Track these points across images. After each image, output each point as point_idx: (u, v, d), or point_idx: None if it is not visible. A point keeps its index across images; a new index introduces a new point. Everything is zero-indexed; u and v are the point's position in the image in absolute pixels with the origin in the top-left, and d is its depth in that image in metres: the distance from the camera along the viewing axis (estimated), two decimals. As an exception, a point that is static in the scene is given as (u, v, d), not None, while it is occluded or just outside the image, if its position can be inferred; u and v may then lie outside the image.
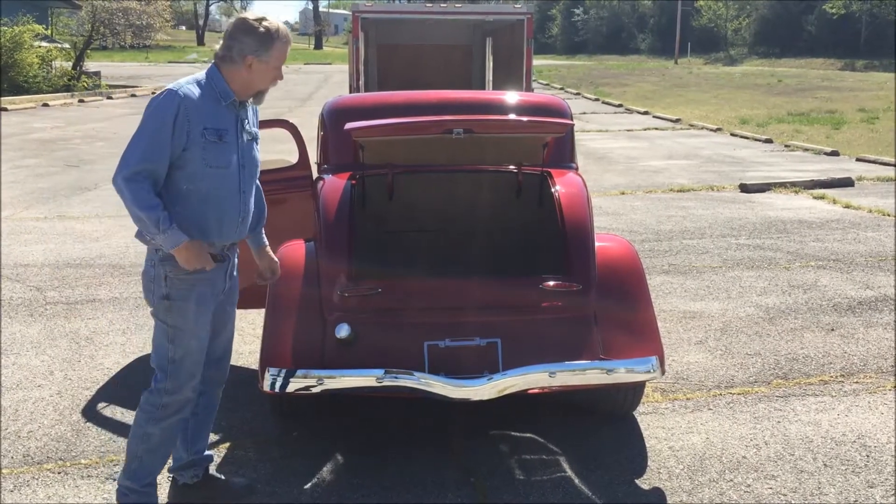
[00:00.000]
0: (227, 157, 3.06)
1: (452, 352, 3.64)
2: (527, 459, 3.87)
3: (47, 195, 10.56)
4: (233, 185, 3.11)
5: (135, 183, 2.92)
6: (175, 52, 64.58)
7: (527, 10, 12.22)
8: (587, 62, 54.57)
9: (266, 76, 3.10)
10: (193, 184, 3.02)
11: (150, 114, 2.99)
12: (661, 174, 12.62)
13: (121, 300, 6.24)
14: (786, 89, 29.18)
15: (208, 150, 3.01)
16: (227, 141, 3.06)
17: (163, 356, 3.15)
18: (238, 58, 3.04)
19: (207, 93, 3.04)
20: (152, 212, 2.91)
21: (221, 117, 3.06)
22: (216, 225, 3.10)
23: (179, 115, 2.95)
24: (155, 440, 3.20)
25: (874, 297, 6.34)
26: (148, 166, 2.94)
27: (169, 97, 2.98)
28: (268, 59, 3.05)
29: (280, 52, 3.07)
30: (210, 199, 3.06)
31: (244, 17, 3.07)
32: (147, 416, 3.18)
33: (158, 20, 34.59)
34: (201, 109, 3.00)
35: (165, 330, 3.12)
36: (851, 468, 3.77)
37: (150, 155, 2.95)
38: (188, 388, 3.19)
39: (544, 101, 5.22)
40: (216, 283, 3.18)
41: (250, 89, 3.12)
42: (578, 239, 3.87)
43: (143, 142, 2.96)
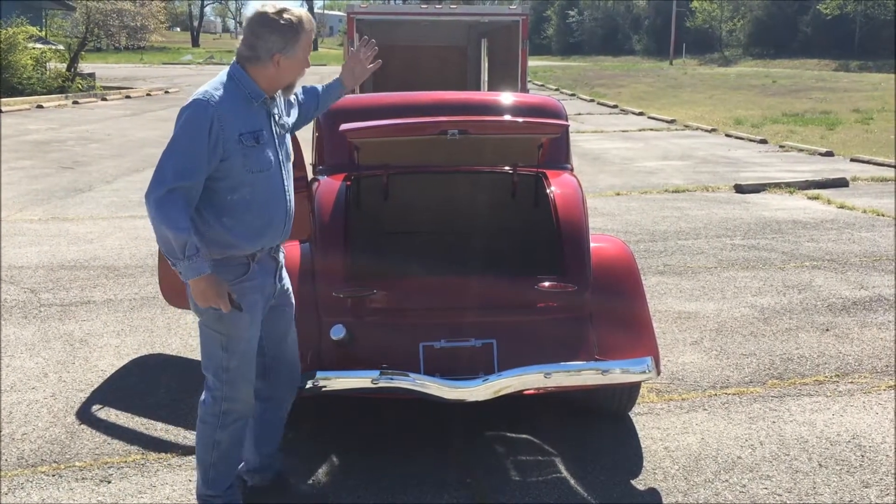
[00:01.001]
0: (268, 159, 2.96)
1: (448, 353, 3.64)
2: (523, 460, 3.87)
3: (42, 197, 10.54)
4: (277, 185, 3.01)
5: (168, 202, 2.78)
6: (170, 53, 64.53)
7: (522, 12, 12.22)
8: (582, 63, 54.63)
9: (295, 70, 2.99)
10: (238, 192, 2.91)
11: (182, 128, 2.84)
12: (656, 175, 12.64)
13: (115, 302, 6.23)
14: (780, 90, 29.23)
15: (248, 155, 2.89)
16: (264, 142, 2.95)
17: (217, 365, 3.09)
18: (265, 56, 2.91)
19: (236, 95, 2.91)
20: (181, 234, 2.77)
21: (255, 118, 2.95)
22: (265, 230, 3.01)
23: (214, 126, 2.81)
24: (224, 446, 3.18)
25: (869, 297, 6.35)
26: (183, 184, 2.79)
27: (200, 108, 2.82)
28: (295, 53, 2.93)
29: (306, 43, 2.95)
30: (256, 205, 2.95)
31: (264, 12, 2.92)
32: (211, 426, 3.15)
33: (153, 21, 34.54)
34: (234, 115, 2.87)
35: (218, 339, 3.05)
36: (846, 468, 3.78)
37: (185, 172, 2.80)
38: (246, 393, 3.15)
39: (539, 101, 5.22)
40: (266, 289, 3.12)
41: (279, 85, 3.01)
42: (574, 240, 3.88)
43: (177, 158, 2.82)
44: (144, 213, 9.34)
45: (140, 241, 8.12)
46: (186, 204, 2.82)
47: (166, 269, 4.91)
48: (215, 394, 3.12)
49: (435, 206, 4.57)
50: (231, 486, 3.26)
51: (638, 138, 17.90)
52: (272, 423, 3.40)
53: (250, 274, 3.03)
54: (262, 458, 3.41)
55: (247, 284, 3.02)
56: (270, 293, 3.15)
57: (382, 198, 4.39)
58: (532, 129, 4.17)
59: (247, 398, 3.16)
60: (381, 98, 5.57)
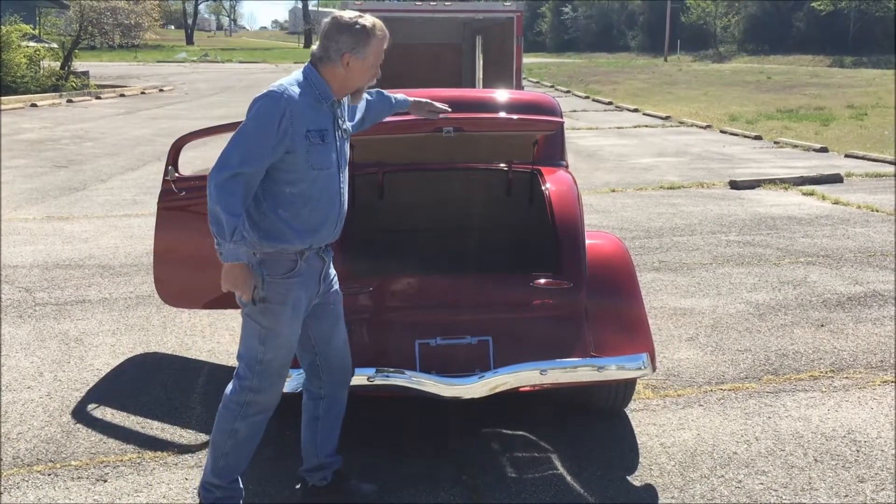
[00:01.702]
0: (329, 158, 3.03)
1: (444, 350, 3.64)
2: (518, 457, 3.87)
3: (36, 196, 10.51)
4: (334, 186, 3.08)
5: (228, 187, 2.86)
6: (164, 51, 64.42)
7: (516, 8, 12.23)
8: (577, 60, 54.66)
9: (364, 74, 3.05)
10: (296, 186, 2.99)
11: (253, 116, 2.93)
12: (651, 171, 12.65)
13: (110, 301, 6.22)
14: (775, 86, 29.28)
15: (312, 152, 2.96)
16: (328, 142, 3.02)
17: (252, 356, 3.13)
18: (336, 56, 2.99)
19: (308, 93, 2.98)
20: (234, 219, 2.84)
21: (322, 118, 3.02)
22: (318, 227, 3.07)
23: (284, 118, 2.89)
24: (241, 436, 3.19)
25: (863, 292, 6.37)
26: (246, 170, 2.88)
27: (273, 99, 2.91)
28: (364, 56, 3.00)
29: (377, 49, 3.03)
30: (313, 201, 3.03)
31: (339, 16, 3.02)
32: (233, 413, 3.17)
33: (147, 19, 34.51)
34: (304, 111, 2.95)
35: (258, 331, 3.09)
36: (842, 463, 3.79)
37: (250, 159, 2.89)
38: (274, 388, 3.18)
39: (534, 98, 5.22)
40: (310, 287, 3.14)
41: (348, 88, 3.07)
42: (569, 237, 3.88)
43: (244, 144, 2.91)
44: (139, 211, 9.35)
45: (135, 239, 8.11)
46: (245, 191, 2.91)
47: (162, 268, 4.92)
48: (244, 383, 3.15)
49: (430, 204, 4.57)
50: (236, 481, 3.27)
51: (633, 135, 17.91)
52: (331, 423, 3.42)
53: (297, 271, 3.07)
54: (321, 459, 3.43)
55: (293, 281, 3.06)
56: (314, 292, 3.18)
57: (378, 195, 4.39)
58: (526, 126, 4.18)
59: (274, 393, 3.19)
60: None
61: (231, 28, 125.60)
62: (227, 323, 5.69)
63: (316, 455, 3.43)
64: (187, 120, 20.12)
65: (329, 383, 3.37)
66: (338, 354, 3.36)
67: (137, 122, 20.28)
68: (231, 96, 28.79)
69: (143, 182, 11.56)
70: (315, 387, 3.38)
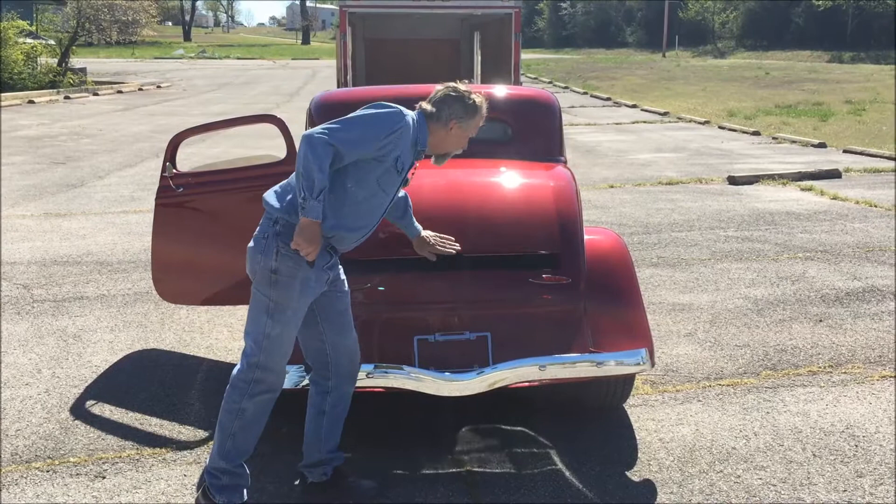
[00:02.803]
0: (393, 188, 3.29)
1: (442, 346, 3.64)
2: (517, 452, 3.87)
3: (34, 193, 10.50)
4: (380, 208, 3.30)
5: (324, 149, 3.04)
6: (161, 48, 64.35)
7: (514, 4, 12.19)
8: (575, 56, 54.63)
9: (460, 141, 3.38)
10: (357, 187, 3.19)
11: (374, 116, 3.19)
12: (649, 167, 12.65)
13: (108, 297, 6.21)
14: (773, 82, 29.27)
15: (388, 173, 3.22)
16: (401, 176, 3.29)
17: (259, 331, 3.18)
18: (445, 119, 3.30)
19: (412, 132, 3.26)
20: (323, 176, 3.03)
21: (410, 156, 3.28)
22: (349, 230, 3.23)
23: (394, 134, 3.16)
24: (248, 416, 3.23)
25: (862, 287, 6.37)
26: (342, 149, 3.08)
27: (398, 116, 3.20)
28: (467, 127, 3.35)
29: (477, 124, 3.40)
30: (357, 208, 3.21)
31: (457, 86, 3.36)
32: (240, 392, 3.21)
33: (144, 16, 34.49)
34: (406, 142, 3.22)
35: (266, 304, 3.16)
36: (840, 458, 3.79)
37: (352, 144, 3.10)
38: (280, 365, 3.24)
39: (533, 94, 5.22)
40: (320, 273, 3.22)
41: (442, 148, 3.37)
42: (568, 232, 3.87)
43: (354, 131, 3.12)
44: (137, 207, 9.31)
45: (133, 236, 8.10)
46: (332, 161, 3.08)
47: (161, 264, 4.91)
48: (251, 360, 3.19)
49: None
50: (242, 465, 3.29)
51: (631, 131, 17.91)
52: (335, 419, 3.46)
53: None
54: (323, 454, 3.45)
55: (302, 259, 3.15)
56: (322, 279, 3.25)
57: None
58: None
59: (280, 370, 3.25)
60: (373, 91, 5.54)
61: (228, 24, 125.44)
62: (226, 319, 5.69)
63: (318, 450, 3.44)
64: (185, 116, 20.09)
65: (336, 375, 3.40)
66: (348, 346, 3.41)
67: (135, 118, 20.26)
68: (228, 93, 28.77)
69: (140, 178, 11.55)
70: (323, 378, 3.41)
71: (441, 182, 4.33)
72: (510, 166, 4.52)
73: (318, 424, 3.43)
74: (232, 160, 5.52)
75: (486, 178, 4.43)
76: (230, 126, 5.18)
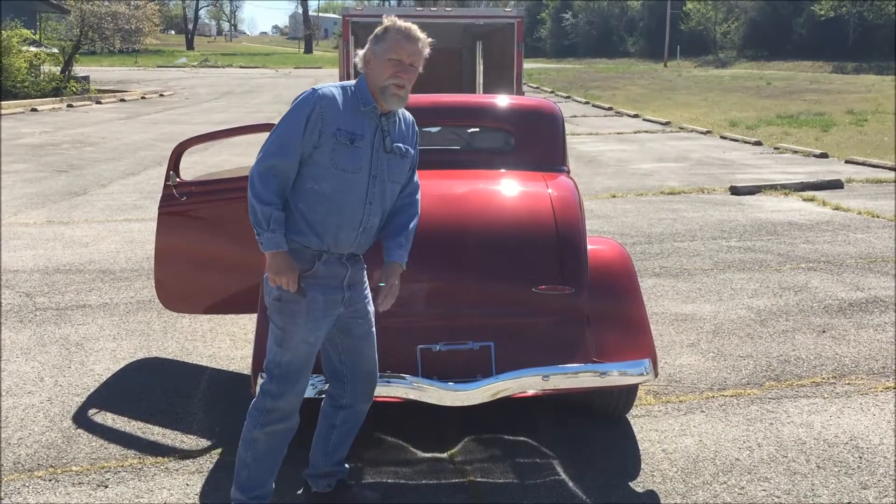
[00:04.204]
0: (357, 163, 3.04)
1: (446, 355, 3.63)
2: (521, 462, 3.86)
3: (37, 201, 10.51)
4: (359, 192, 3.07)
5: (261, 177, 2.96)
6: (164, 56, 64.49)
7: (517, 14, 12.24)
8: (577, 65, 54.70)
9: (382, 70, 3.04)
10: (319, 183, 3.03)
11: (288, 111, 3.05)
12: (651, 177, 12.65)
13: (111, 306, 6.21)
14: (775, 92, 29.30)
15: (338, 151, 3.01)
16: (359, 146, 3.04)
17: (271, 359, 3.13)
18: (364, 60, 3.10)
19: (350, 97, 3.07)
20: (265, 207, 2.94)
21: (358, 122, 3.06)
22: (334, 230, 3.06)
23: (314, 113, 2.99)
24: (261, 447, 3.16)
25: (865, 298, 6.36)
26: (277, 162, 2.98)
27: (308, 95, 3.04)
28: (381, 50, 3.05)
29: (393, 43, 3.04)
30: (332, 202, 3.04)
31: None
32: (253, 420, 3.16)
33: (147, 24, 34.54)
34: (338, 111, 3.02)
35: (275, 332, 3.11)
36: (844, 470, 3.78)
37: (281, 150, 2.99)
38: (293, 395, 3.15)
39: (536, 104, 5.22)
40: (329, 291, 3.10)
41: (376, 89, 3.06)
42: (571, 242, 3.87)
43: (276, 136, 3.02)
44: (140, 216, 9.37)
45: (136, 244, 8.11)
46: (279, 182, 2.99)
47: (163, 272, 4.91)
48: (264, 387, 3.15)
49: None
50: (259, 497, 3.21)
51: (633, 140, 17.92)
52: (346, 434, 3.40)
53: (314, 271, 3.07)
54: (328, 466, 3.41)
55: (309, 281, 3.07)
56: (337, 300, 3.14)
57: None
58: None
59: (292, 399, 3.16)
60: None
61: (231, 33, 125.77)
62: (228, 328, 5.69)
63: (324, 462, 3.41)
64: (187, 125, 20.13)
65: (352, 393, 3.33)
66: (365, 369, 3.33)
67: (138, 126, 20.29)
68: (231, 101, 28.82)
69: (143, 187, 11.56)
70: (337, 393, 3.35)
71: (445, 192, 4.33)
72: (513, 176, 4.52)
73: (328, 437, 3.39)
74: (235, 168, 5.53)
75: (489, 188, 4.43)
76: (233, 135, 5.19)
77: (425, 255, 4.04)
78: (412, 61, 3.06)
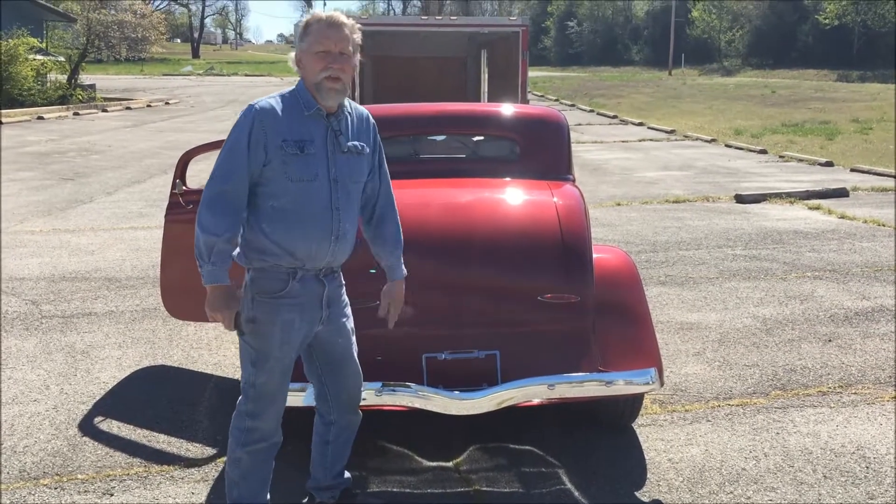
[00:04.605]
0: (312, 170, 2.89)
1: (451, 364, 3.63)
2: (526, 471, 3.85)
3: (43, 208, 10.54)
4: (321, 200, 2.91)
5: (207, 205, 2.83)
6: (170, 64, 64.70)
7: (521, 23, 12.26)
8: (581, 74, 54.76)
9: (312, 65, 2.89)
10: (277, 200, 2.88)
11: (230, 133, 2.90)
12: (656, 185, 12.65)
13: (117, 314, 6.22)
14: (779, 100, 29.30)
15: (289, 163, 2.85)
16: (310, 153, 2.88)
17: (246, 380, 3.04)
18: (295, 62, 2.97)
19: (291, 104, 2.92)
20: (210, 237, 2.80)
21: (305, 128, 2.91)
22: (304, 245, 2.91)
23: (254, 130, 2.84)
24: (245, 465, 3.10)
25: (871, 307, 6.34)
26: (225, 187, 2.84)
27: (245, 113, 2.88)
28: (306, 45, 2.90)
29: (317, 35, 2.88)
30: (295, 217, 2.89)
31: None
32: (235, 440, 3.09)
33: (153, 33, 34.70)
34: (281, 121, 2.87)
35: (250, 353, 3.00)
36: (851, 479, 3.76)
37: (227, 175, 2.85)
38: (270, 416, 3.07)
39: (541, 112, 5.23)
40: (306, 311, 3.00)
41: (313, 88, 2.91)
42: (576, 251, 3.87)
43: (221, 161, 2.87)
44: (145, 224, 9.36)
45: (141, 252, 8.12)
46: (226, 209, 2.84)
47: (169, 281, 4.92)
48: (241, 408, 3.08)
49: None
50: None
51: (638, 148, 17.92)
52: (341, 446, 3.35)
53: (289, 290, 2.95)
54: (329, 480, 3.37)
55: (284, 301, 2.95)
56: (314, 318, 3.03)
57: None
58: None
59: (271, 420, 3.08)
60: (381, 109, 5.56)
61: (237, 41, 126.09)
62: (233, 336, 5.66)
63: (325, 476, 3.38)
64: (193, 133, 20.19)
65: (338, 410, 3.29)
66: (347, 388, 3.26)
67: (143, 134, 20.35)
68: (236, 109, 28.82)
69: (149, 195, 11.59)
70: (325, 410, 3.31)
71: (450, 201, 4.34)
72: (518, 185, 4.52)
73: (324, 453, 3.35)
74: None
75: (494, 197, 4.43)
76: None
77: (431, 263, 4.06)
78: (341, 49, 2.88)
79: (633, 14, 71.02)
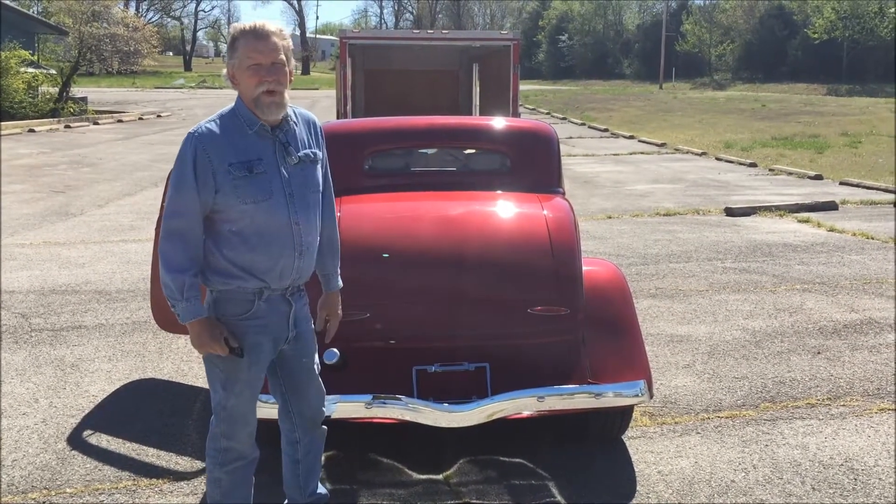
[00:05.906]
0: (266, 189, 2.78)
1: (441, 377, 3.64)
2: (516, 484, 3.85)
3: (33, 221, 10.51)
4: (280, 218, 2.82)
5: (166, 243, 2.76)
6: (162, 77, 64.65)
7: (513, 36, 12.33)
8: (573, 87, 54.96)
9: (246, 81, 2.78)
10: (235, 224, 2.79)
11: (174, 165, 2.80)
12: (646, 198, 12.69)
13: (107, 326, 6.20)
14: (769, 114, 29.46)
15: (240, 186, 2.75)
16: (260, 171, 2.78)
17: (216, 402, 2.99)
18: (229, 79, 2.85)
19: (232, 124, 2.82)
20: (179, 275, 2.73)
21: (251, 147, 2.80)
22: (270, 266, 2.83)
23: (199, 158, 2.73)
24: (225, 485, 3.06)
25: (859, 319, 6.37)
26: (178, 223, 2.76)
27: (185, 142, 2.77)
28: (237, 61, 2.78)
29: (246, 49, 2.76)
30: (256, 239, 2.80)
31: None
32: (213, 460, 3.05)
33: (146, 46, 34.72)
34: (224, 144, 2.76)
35: (218, 375, 2.95)
36: (840, 491, 3.78)
37: (178, 209, 2.76)
38: (244, 436, 3.02)
39: (532, 126, 5.26)
40: (273, 331, 2.94)
41: (252, 103, 2.81)
42: (566, 263, 3.89)
43: (171, 197, 2.78)
44: (136, 237, 9.34)
45: (132, 265, 8.10)
46: (187, 245, 2.77)
47: (159, 293, 4.91)
48: (215, 430, 3.03)
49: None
50: None
51: (629, 162, 17.99)
52: (311, 464, 3.30)
53: (255, 311, 2.88)
54: (305, 498, 3.33)
55: (250, 323, 2.89)
56: (281, 337, 2.98)
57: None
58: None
59: (245, 440, 3.03)
60: (373, 122, 5.58)
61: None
62: (224, 349, 5.67)
63: (300, 496, 3.32)
64: (185, 146, 20.14)
65: (301, 428, 3.22)
66: (310, 405, 3.19)
67: (135, 147, 20.33)
68: (229, 122, 28.85)
69: (140, 207, 11.58)
70: (288, 428, 3.25)
71: (440, 213, 4.35)
72: (509, 198, 4.54)
73: (296, 472, 3.28)
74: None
75: (484, 210, 4.45)
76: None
77: (421, 276, 4.07)
78: (273, 59, 2.77)
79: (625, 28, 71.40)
